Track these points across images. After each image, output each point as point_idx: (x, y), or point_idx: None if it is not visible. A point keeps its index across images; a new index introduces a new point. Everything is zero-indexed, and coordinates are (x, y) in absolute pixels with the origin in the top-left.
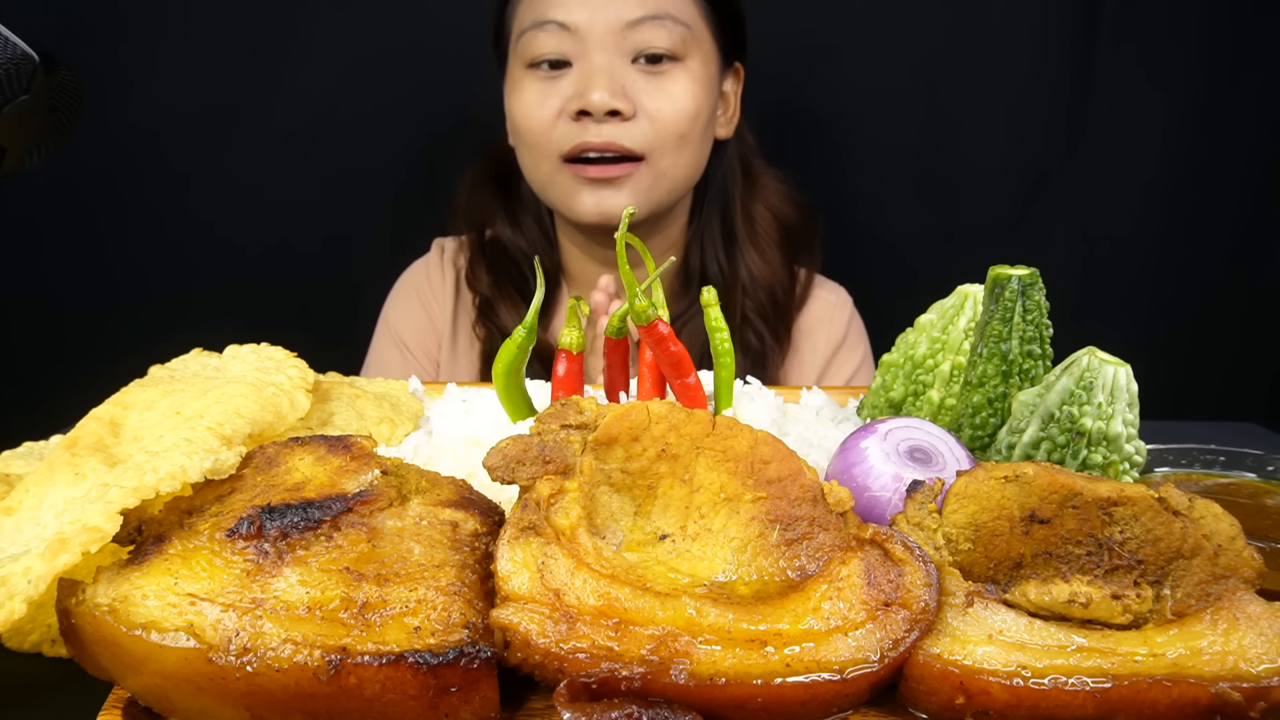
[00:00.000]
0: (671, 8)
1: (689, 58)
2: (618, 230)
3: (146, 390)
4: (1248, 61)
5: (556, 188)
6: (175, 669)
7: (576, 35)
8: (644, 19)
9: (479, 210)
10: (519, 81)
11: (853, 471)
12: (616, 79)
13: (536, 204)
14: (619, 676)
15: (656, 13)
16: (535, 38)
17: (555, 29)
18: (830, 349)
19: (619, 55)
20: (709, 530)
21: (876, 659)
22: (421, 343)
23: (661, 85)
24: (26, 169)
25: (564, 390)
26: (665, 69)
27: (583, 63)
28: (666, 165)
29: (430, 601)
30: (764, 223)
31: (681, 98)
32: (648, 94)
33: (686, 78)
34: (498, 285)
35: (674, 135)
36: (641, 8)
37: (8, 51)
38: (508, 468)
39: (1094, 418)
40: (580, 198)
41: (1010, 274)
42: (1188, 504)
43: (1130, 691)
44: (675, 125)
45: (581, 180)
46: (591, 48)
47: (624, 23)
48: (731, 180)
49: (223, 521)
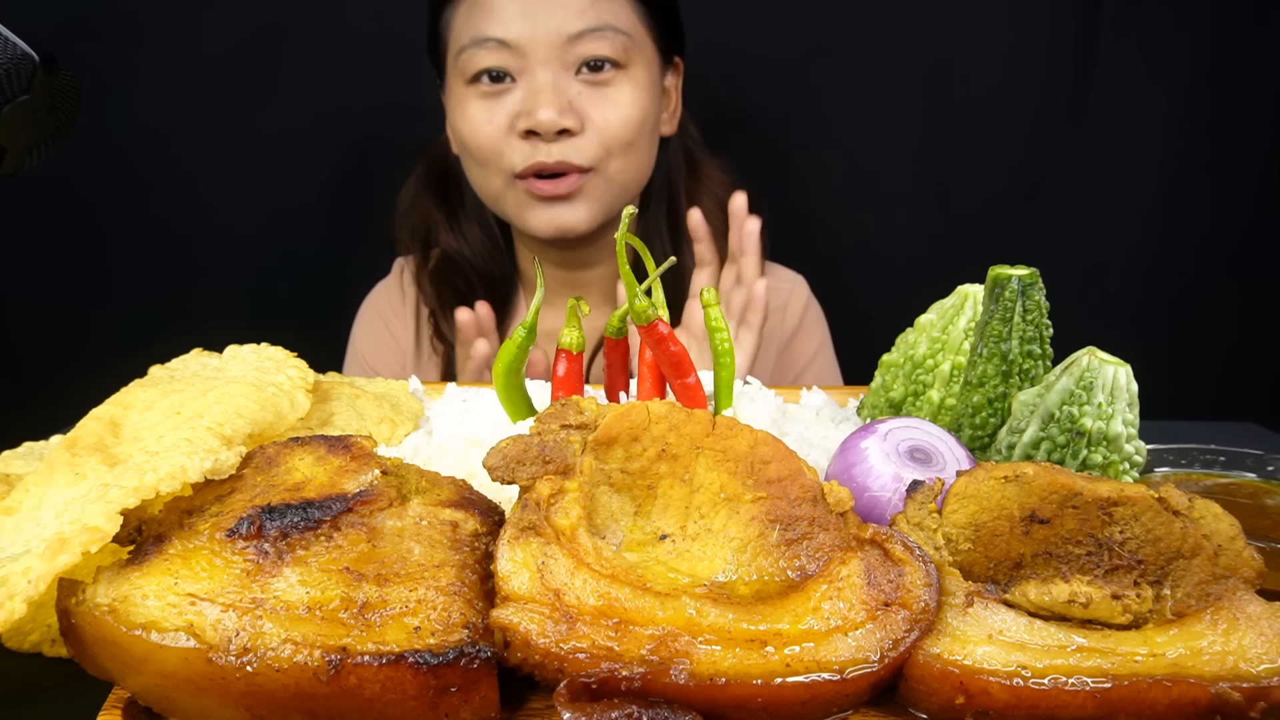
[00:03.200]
0: (611, 18)
1: (631, 65)
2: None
3: (146, 390)
4: (1248, 61)
5: (509, 202)
6: (175, 669)
7: (518, 51)
8: (585, 31)
9: (421, 219)
10: (462, 98)
11: (853, 471)
12: (563, 95)
13: (481, 211)
14: (619, 676)
15: (597, 24)
16: (475, 55)
17: (495, 45)
18: (785, 335)
19: (562, 68)
20: (709, 530)
21: (876, 659)
22: (387, 364)
23: (606, 95)
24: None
25: (564, 390)
26: (609, 77)
27: (526, 79)
28: (615, 171)
29: (430, 601)
30: (711, 214)
31: (627, 106)
32: (594, 105)
33: (630, 85)
34: (440, 300)
35: (622, 144)
36: (582, 20)
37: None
38: (508, 468)
39: (1094, 418)
40: (534, 213)
41: (1010, 274)
42: (1188, 504)
43: (1130, 691)
44: (623, 134)
45: (534, 197)
46: (534, 63)
47: (565, 36)
48: (676, 174)
49: (223, 521)
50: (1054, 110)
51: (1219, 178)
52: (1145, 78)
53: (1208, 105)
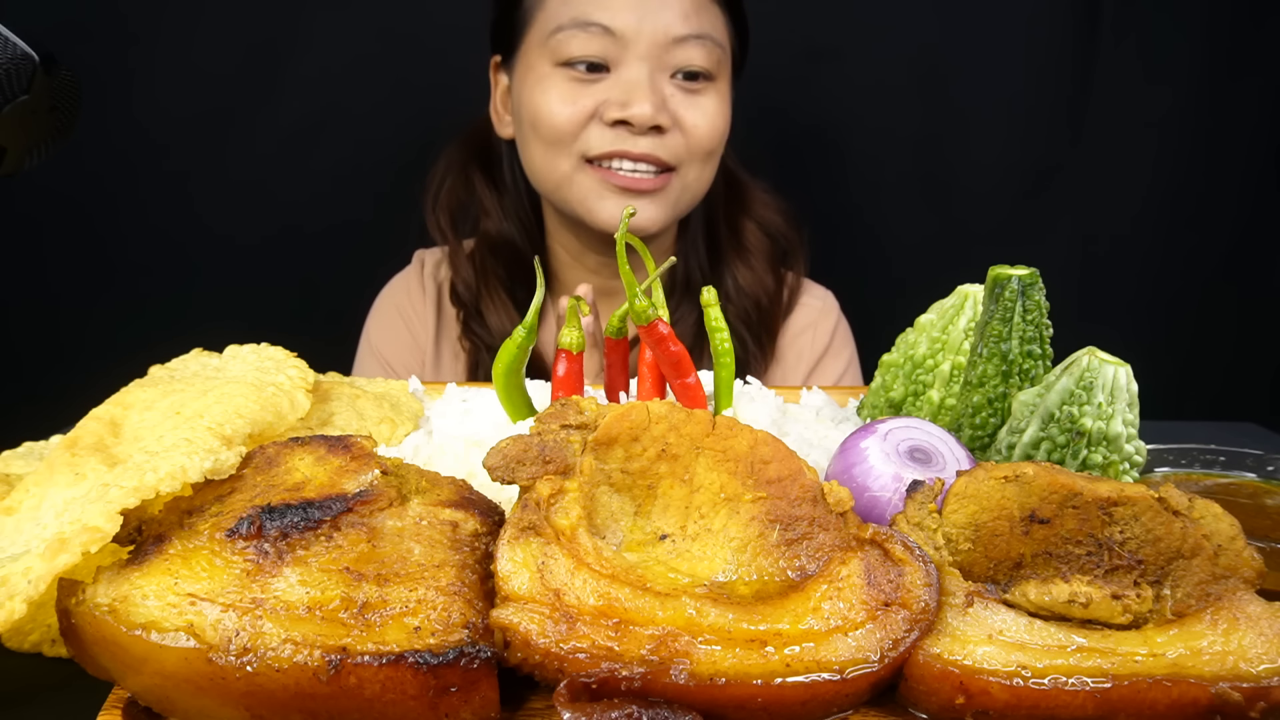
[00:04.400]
0: (711, 28)
1: (719, 78)
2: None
3: (146, 390)
4: (1248, 62)
5: (576, 187)
6: (175, 669)
7: (620, 41)
8: (689, 36)
9: (461, 202)
10: (545, 77)
11: (853, 471)
12: (659, 93)
13: (520, 199)
14: (619, 676)
15: (700, 32)
16: (574, 37)
17: (599, 31)
18: (815, 356)
19: (660, 69)
20: (709, 530)
21: (876, 659)
22: (403, 359)
23: (697, 102)
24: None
25: (564, 390)
26: (700, 87)
27: (624, 70)
28: (693, 179)
29: (430, 601)
30: (751, 235)
31: (715, 115)
32: (685, 108)
33: (717, 97)
34: (487, 287)
35: (704, 150)
36: (686, 24)
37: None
38: (508, 468)
39: (1094, 418)
40: (603, 202)
41: (1010, 274)
42: (1188, 504)
43: (1130, 691)
44: (708, 141)
45: (608, 185)
46: (635, 57)
47: (670, 37)
48: (715, 194)
49: (223, 521)
50: (1054, 110)
51: (1219, 178)
52: (1145, 78)
53: (1208, 106)
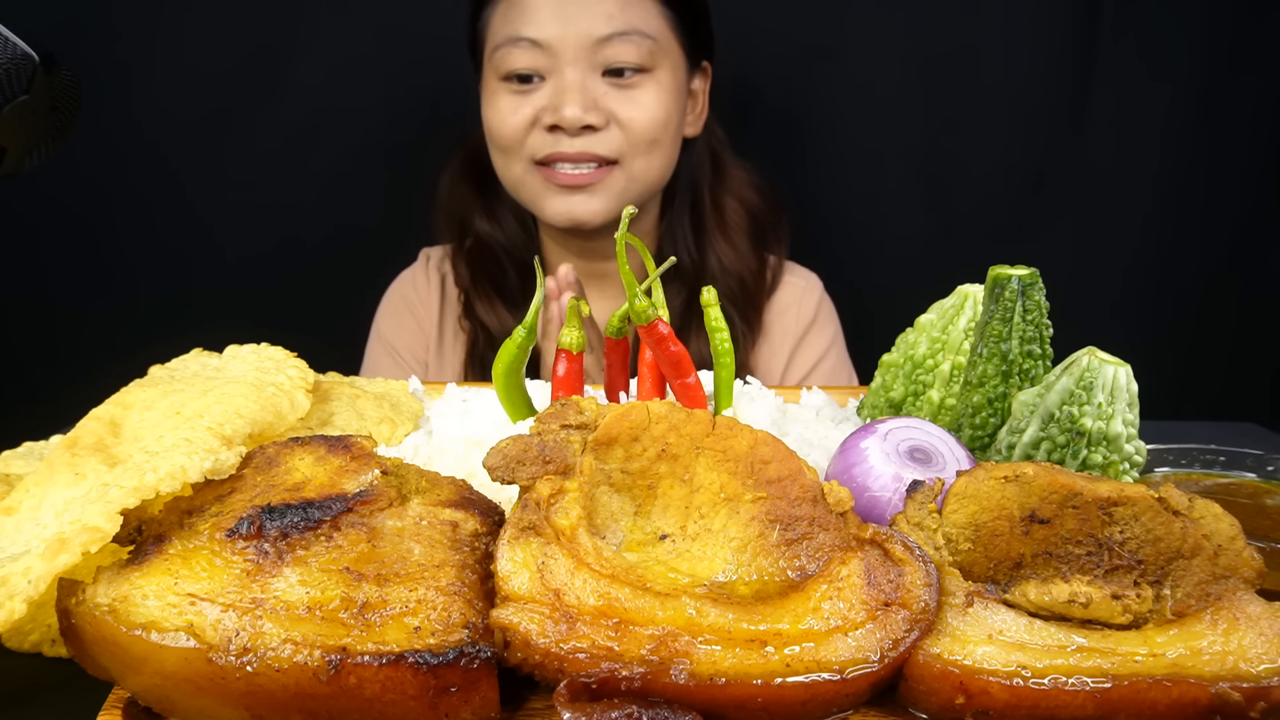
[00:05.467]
0: (639, 23)
1: (657, 68)
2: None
3: (146, 390)
4: (1248, 60)
5: (527, 189)
6: (175, 669)
7: (548, 51)
8: (613, 35)
9: (459, 206)
10: (494, 92)
11: (853, 471)
12: (588, 93)
13: (512, 201)
14: (619, 676)
15: (625, 29)
16: (509, 53)
17: (528, 45)
18: (800, 330)
19: (590, 69)
20: (709, 530)
21: (876, 659)
22: (411, 348)
23: (632, 96)
24: (27, 169)
25: (564, 390)
26: (634, 81)
27: (555, 78)
28: (639, 169)
29: (430, 601)
30: (733, 213)
31: (651, 107)
32: (619, 104)
33: (655, 88)
34: (474, 282)
35: (645, 141)
36: (610, 24)
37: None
38: (508, 468)
39: (1094, 418)
40: (550, 201)
41: (1010, 274)
42: (1188, 504)
43: (1130, 691)
44: (646, 132)
45: (551, 184)
46: (563, 63)
47: (594, 39)
48: (700, 174)
49: (223, 521)
50: (1054, 110)
51: (1219, 177)
52: (1145, 77)
53: (1208, 104)
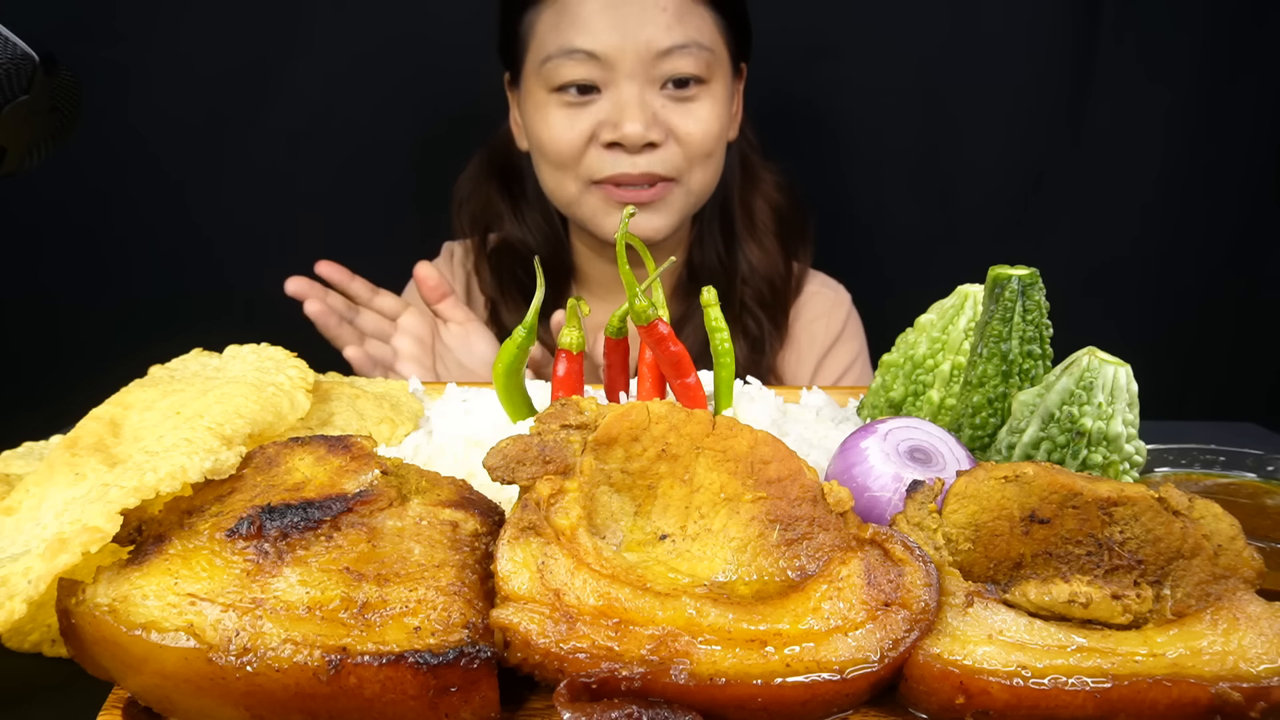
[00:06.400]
0: (697, 34)
1: (713, 80)
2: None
3: (146, 390)
4: (1248, 61)
5: (585, 207)
6: (175, 669)
7: (606, 63)
8: (674, 48)
9: (482, 208)
10: (543, 105)
11: (853, 471)
12: (648, 109)
13: (543, 202)
14: (619, 676)
15: (685, 41)
16: (563, 65)
17: (584, 58)
18: (828, 342)
19: (648, 83)
20: (709, 530)
21: (876, 659)
22: None
23: (689, 109)
24: (27, 169)
25: (564, 390)
26: (692, 93)
27: (612, 91)
28: (696, 183)
29: (430, 601)
30: (762, 214)
31: (709, 120)
32: (677, 118)
33: (710, 100)
34: (501, 287)
35: (702, 155)
36: (670, 35)
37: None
38: (508, 468)
39: (1094, 418)
40: (610, 219)
41: (1010, 274)
42: (1188, 504)
43: (1130, 691)
44: (704, 146)
45: (613, 202)
46: (621, 76)
47: (654, 51)
48: (732, 178)
49: (223, 521)
50: (1054, 110)
51: (1219, 177)
52: (1145, 77)
53: (1208, 105)
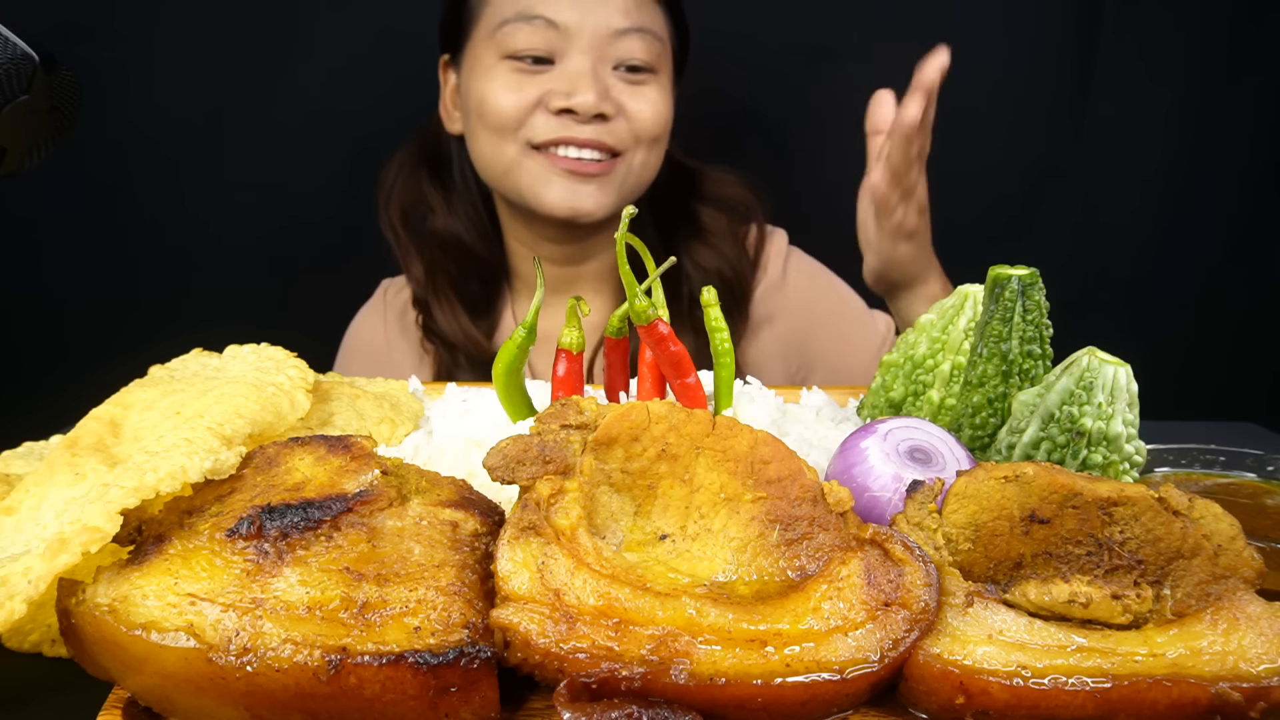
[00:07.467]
0: (651, 22)
1: (660, 71)
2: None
3: (146, 390)
4: (1248, 62)
5: (523, 173)
6: (175, 669)
7: (564, 34)
8: (629, 30)
9: (413, 200)
10: (491, 68)
11: (853, 471)
12: (601, 82)
13: (471, 195)
14: (619, 676)
15: (640, 25)
16: (520, 30)
17: (543, 25)
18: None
19: (602, 60)
20: (709, 530)
21: (876, 659)
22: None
23: (640, 91)
24: (26, 169)
25: (564, 390)
26: (642, 79)
27: (567, 62)
28: (638, 164)
29: (430, 601)
30: (709, 218)
31: (659, 104)
32: (628, 97)
33: (658, 88)
34: (434, 285)
35: (650, 136)
36: (627, 18)
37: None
38: (508, 468)
39: (1094, 418)
40: (550, 187)
41: (1010, 274)
42: (1188, 504)
43: (1130, 691)
44: (652, 128)
45: (554, 169)
46: (578, 49)
47: (612, 30)
48: (659, 179)
49: (223, 521)
50: (1054, 110)
51: (1219, 177)
52: (1145, 78)
53: (1208, 105)
